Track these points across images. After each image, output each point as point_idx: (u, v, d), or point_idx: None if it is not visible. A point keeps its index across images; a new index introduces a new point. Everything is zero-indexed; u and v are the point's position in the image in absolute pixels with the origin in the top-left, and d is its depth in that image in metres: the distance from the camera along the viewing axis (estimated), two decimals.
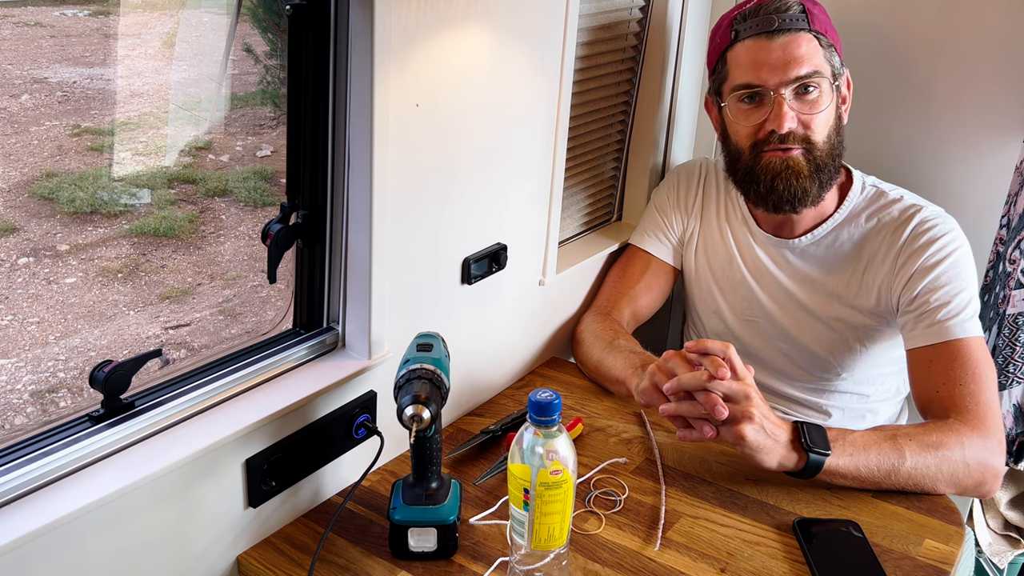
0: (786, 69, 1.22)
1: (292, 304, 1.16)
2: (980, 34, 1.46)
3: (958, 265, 1.26)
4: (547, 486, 0.90)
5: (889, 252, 1.30)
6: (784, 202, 1.29)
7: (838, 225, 1.35)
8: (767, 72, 1.23)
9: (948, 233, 1.28)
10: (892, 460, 1.11)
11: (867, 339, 1.36)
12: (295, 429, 1.06)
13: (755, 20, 1.23)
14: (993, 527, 1.67)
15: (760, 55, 1.23)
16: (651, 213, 1.53)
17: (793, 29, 1.22)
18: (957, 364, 1.20)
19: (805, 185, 1.27)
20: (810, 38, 1.23)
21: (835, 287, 1.36)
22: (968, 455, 1.13)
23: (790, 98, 1.23)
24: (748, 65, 1.24)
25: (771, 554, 1.05)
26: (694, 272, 1.50)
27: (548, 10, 1.25)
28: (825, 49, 1.24)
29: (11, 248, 3.04)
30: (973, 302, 1.25)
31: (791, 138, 1.25)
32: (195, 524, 0.99)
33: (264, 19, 3.86)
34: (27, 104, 3.63)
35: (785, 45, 1.22)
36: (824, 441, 1.09)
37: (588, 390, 1.41)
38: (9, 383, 2.55)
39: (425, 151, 1.12)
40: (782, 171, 1.26)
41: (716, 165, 1.49)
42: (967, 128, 1.51)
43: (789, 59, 1.22)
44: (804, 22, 1.22)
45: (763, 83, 1.23)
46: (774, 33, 1.22)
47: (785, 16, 1.22)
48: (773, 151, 1.26)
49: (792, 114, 1.23)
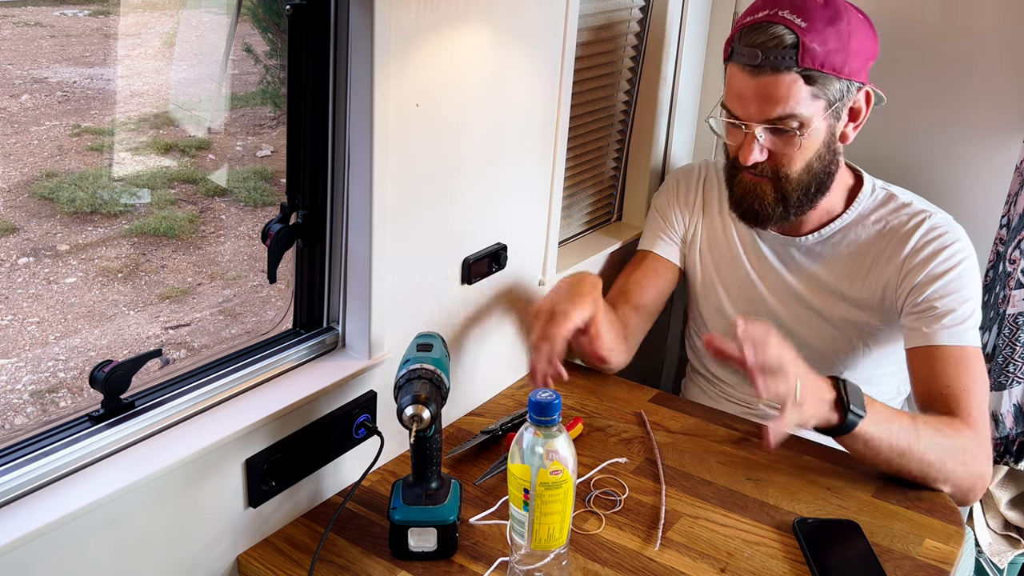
0: (760, 109, 1.21)
1: (292, 304, 1.16)
2: (980, 34, 1.46)
3: (965, 275, 1.26)
4: (547, 486, 0.90)
5: (895, 256, 1.30)
6: (748, 218, 1.33)
7: (846, 226, 1.35)
8: (743, 107, 1.23)
9: (956, 242, 1.28)
10: (910, 438, 1.13)
11: (870, 339, 1.37)
12: (295, 429, 1.06)
13: (745, 49, 1.20)
14: (993, 527, 1.67)
15: (740, 88, 1.23)
16: (653, 217, 1.54)
17: (778, 68, 1.18)
18: (962, 367, 1.21)
19: (767, 211, 1.29)
20: (794, 79, 1.18)
21: (840, 286, 1.36)
22: (968, 454, 1.15)
23: (763, 135, 1.23)
24: (732, 92, 1.25)
25: (771, 554, 1.05)
26: (698, 270, 1.50)
27: (548, 10, 1.25)
28: (816, 85, 1.20)
29: (11, 248, 3.04)
30: (976, 314, 1.25)
31: (758, 168, 1.27)
32: (195, 524, 0.99)
33: (264, 19, 3.87)
34: (27, 104, 3.64)
35: (763, 85, 1.19)
36: (860, 402, 1.10)
37: (588, 390, 1.41)
38: (9, 383, 2.56)
39: (425, 151, 1.12)
40: (749, 191, 1.30)
41: (716, 165, 1.49)
42: (967, 128, 1.51)
43: (764, 100, 1.20)
44: (792, 59, 1.17)
45: (739, 116, 1.25)
46: (756, 68, 1.19)
47: (771, 53, 1.18)
48: (746, 172, 1.29)
49: (759, 148, 1.24)
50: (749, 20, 1.22)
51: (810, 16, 1.18)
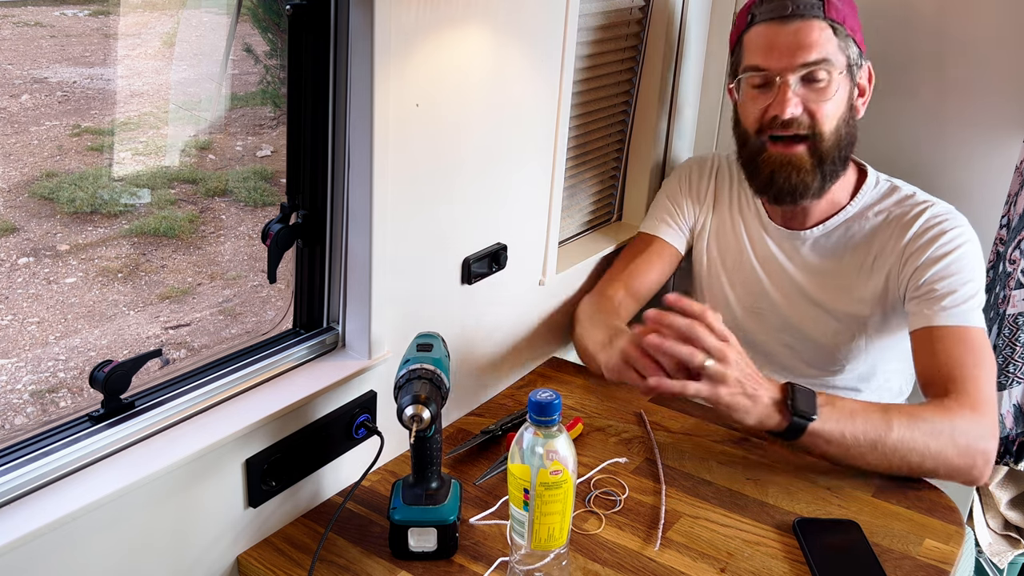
0: (794, 54, 1.22)
1: (292, 304, 1.16)
2: (980, 34, 1.46)
3: (966, 257, 1.26)
4: (547, 486, 0.90)
5: (897, 244, 1.31)
6: (784, 194, 1.30)
7: (850, 218, 1.35)
8: (775, 56, 1.23)
9: (957, 228, 1.28)
10: (879, 429, 1.11)
11: (873, 332, 1.36)
12: (295, 429, 1.06)
13: (771, 4, 1.24)
14: (993, 527, 1.67)
15: (771, 39, 1.23)
16: (661, 200, 1.53)
17: (807, 15, 1.22)
18: (965, 349, 1.20)
19: (806, 180, 1.27)
20: (823, 26, 1.22)
21: (844, 279, 1.36)
22: (958, 433, 1.12)
23: (796, 85, 1.23)
24: (759, 48, 1.25)
25: (771, 554, 1.05)
26: (705, 264, 1.50)
27: (548, 10, 1.25)
28: (841, 39, 1.23)
29: (11, 248, 3.04)
30: (979, 295, 1.25)
31: (795, 124, 1.24)
32: (195, 524, 0.99)
33: (264, 19, 3.87)
34: (27, 104, 3.64)
35: (796, 31, 1.22)
36: (811, 405, 1.10)
37: (588, 390, 1.41)
38: (9, 383, 2.56)
39: (425, 151, 1.12)
40: (782, 166, 1.27)
41: (728, 158, 1.49)
42: (967, 128, 1.51)
43: (798, 45, 1.22)
44: (819, 9, 1.22)
45: (770, 67, 1.24)
46: (787, 18, 1.22)
47: (800, 2, 1.22)
48: (776, 144, 1.27)
49: (796, 100, 1.23)
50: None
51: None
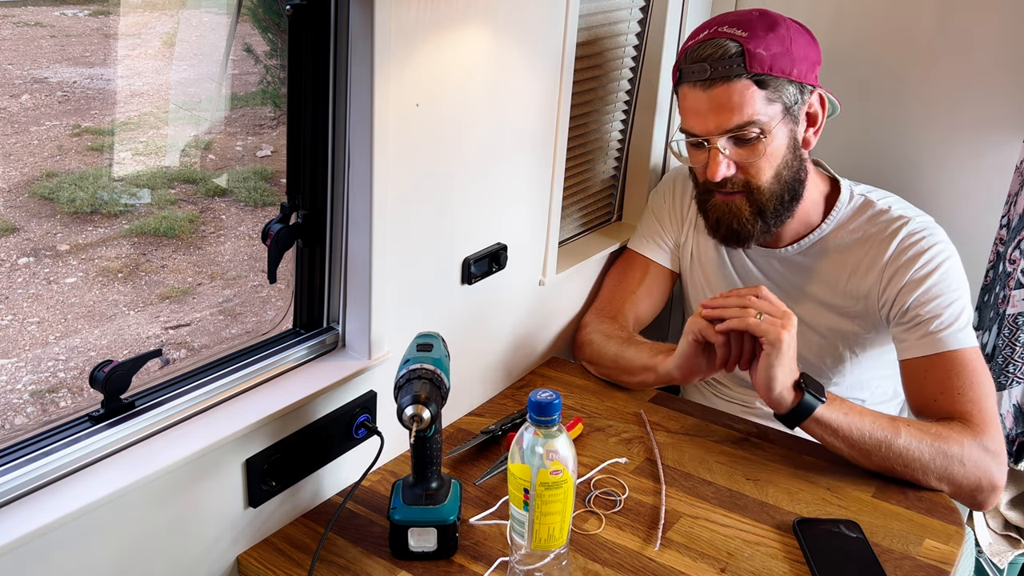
0: (718, 120, 1.21)
1: (292, 304, 1.16)
2: (979, 34, 1.46)
3: (948, 276, 1.25)
4: (547, 486, 0.90)
5: (875, 264, 1.29)
6: (730, 240, 1.32)
7: (824, 236, 1.35)
8: (700, 123, 1.23)
9: (935, 245, 1.26)
10: (886, 433, 1.14)
11: (857, 346, 1.36)
12: (295, 429, 1.06)
13: (693, 66, 1.21)
14: (993, 527, 1.67)
15: (695, 105, 1.23)
16: (648, 217, 1.54)
17: (729, 76, 1.19)
18: (954, 374, 1.20)
19: (747, 228, 1.28)
20: (746, 84, 1.19)
21: (823, 296, 1.36)
22: (966, 456, 1.14)
23: (726, 146, 1.22)
24: (687, 112, 1.25)
25: (771, 554, 1.05)
26: (690, 277, 1.51)
27: (548, 10, 1.25)
28: (769, 89, 1.20)
29: (11, 248, 3.04)
30: (966, 312, 1.24)
31: (728, 184, 1.25)
32: (195, 524, 0.99)
33: (264, 19, 3.86)
34: (27, 104, 3.63)
35: (716, 96, 1.20)
36: (821, 391, 1.15)
37: (588, 390, 1.41)
38: (9, 383, 2.56)
39: (425, 151, 1.12)
40: (724, 214, 1.29)
41: None
42: (967, 128, 1.51)
43: (720, 110, 1.20)
44: (740, 67, 1.18)
45: (698, 133, 1.24)
46: (707, 82, 1.20)
47: (719, 64, 1.19)
48: (718, 194, 1.28)
49: (726, 163, 1.23)
50: (691, 43, 1.24)
51: (749, 27, 1.20)
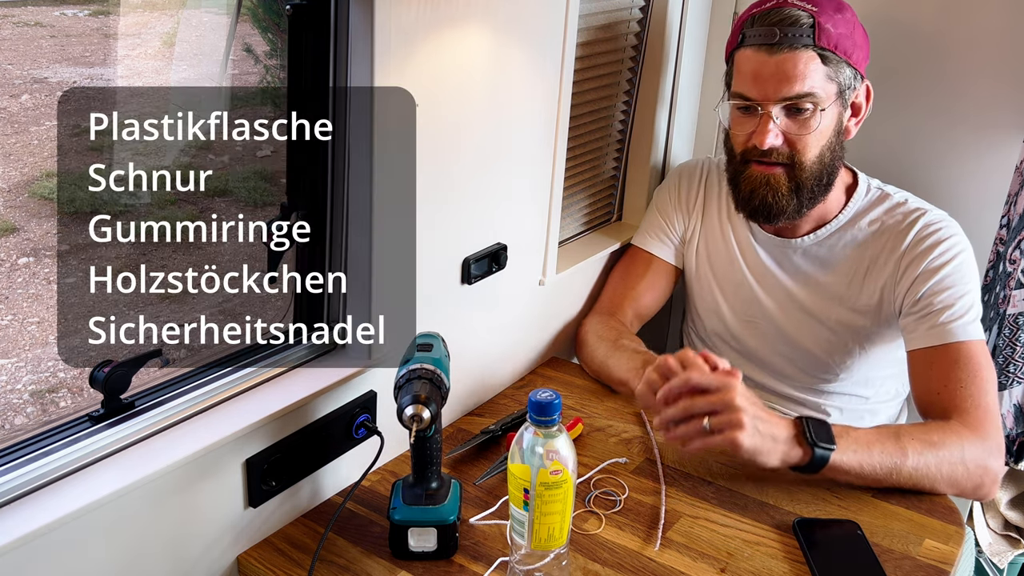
0: (778, 87, 1.20)
1: (292, 304, 1.16)
2: (980, 34, 1.46)
3: (962, 268, 1.26)
4: (547, 486, 0.90)
5: (892, 255, 1.30)
6: (758, 214, 1.30)
7: (841, 227, 1.35)
8: (759, 87, 1.22)
9: (952, 237, 1.27)
10: (895, 459, 1.12)
11: (866, 342, 1.36)
12: (295, 429, 1.06)
13: (761, 29, 1.21)
14: (993, 527, 1.67)
15: (756, 68, 1.22)
16: (652, 213, 1.54)
17: (795, 45, 1.19)
18: (959, 367, 1.20)
19: (782, 203, 1.27)
20: (812, 56, 1.19)
21: (836, 289, 1.36)
22: (967, 457, 1.14)
23: (779, 115, 1.22)
24: (745, 75, 1.24)
25: (771, 554, 1.05)
26: (695, 271, 1.50)
27: (548, 10, 1.25)
28: (831, 67, 1.21)
29: (11, 248, 3.03)
30: (976, 306, 1.25)
31: (774, 154, 1.25)
32: (195, 524, 0.98)
33: (264, 19, 3.86)
34: (27, 104, 3.63)
35: (782, 62, 1.20)
36: (829, 436, 1.09)
37: (588, 390, 1.41)
38: (9, 383, 2.55)
39: (425, 151, 1.12)
40: (761, 185, 1.27)
41: (718, 164, 1.49)
42: (967, 128, 1.51)
43: (783, 77, 1.20)
44: (809, 38, 1.19)
45: (754, 96, 1.23)
46: (774, 47, 1.19)
47: (789, 30, 1.19)
48: (757, 163, 1.27)
49: (776, 132, 1.22)
50: (759, 9, 1.23)
51: (819, 3, 1.21)
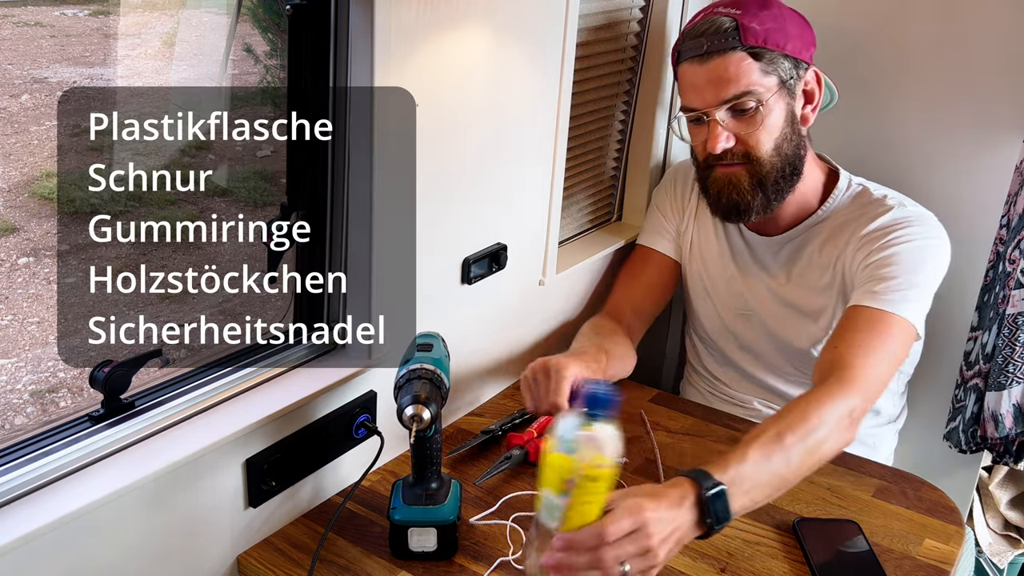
0: (716, 92, 1.24)
1: (292, 304, 1.16)
2: (980, 34, 1.46)
3: (917, 256, 1.24)
4: (590, 479, 0.88)
5: (853, 237, 1.30)
6: (730, 213, 1.32)
7: (821, 222, 1.35)
8: (699, 96, 1.26)
9: (921, 227, 1.26)
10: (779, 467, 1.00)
11: None
12: (295, 429, 1.06)
13: (691, 42, 1.26)
14: (993, 527, 1.67)
15: (692, 79, 1.26)
16: (653, 213, 1.54)
17: (723, 50, 1.23)
18: (872, 332, 1.17)
19: (747, 199, 1.29)
20: (742, 56, 1.23)
21: (816, 282, 1.36)
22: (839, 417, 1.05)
23: (725, 119, 1.25)
24: (687, 88, 1.28)
25: (771, 554, 1.05)
26: (690, 268, 1.51)
27: (548, 10, 1.25)
28: (764, 62, 1.23)
29: (11, 248, 3.04)
30: (922, 296, 1.22)
31: (729, 155, 1.27)
32: (195, 524, 0.99)
33: (264, 19, 3.86)
34: (27, 104, 3.63)
35: (713, 68, 1.23)
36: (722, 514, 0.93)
37: None
38: (9, 383, 2.55)
39: (425, 151, 1.12)
40: (725, 185, 1.30)
41: None
42: (967, 128, 1.51)
43: (717, 82, 1.23)
44: (735, 40, 1.22)
45: (696, 106, 1.27)
46: (704, 56, 1.24)
47: (714, 38, 1.23)
48: (720, 167, 1.29)
49: (726, 135, 1.25)
50: (689, 24, 1.29)
51: (742, 6, 1.25)
